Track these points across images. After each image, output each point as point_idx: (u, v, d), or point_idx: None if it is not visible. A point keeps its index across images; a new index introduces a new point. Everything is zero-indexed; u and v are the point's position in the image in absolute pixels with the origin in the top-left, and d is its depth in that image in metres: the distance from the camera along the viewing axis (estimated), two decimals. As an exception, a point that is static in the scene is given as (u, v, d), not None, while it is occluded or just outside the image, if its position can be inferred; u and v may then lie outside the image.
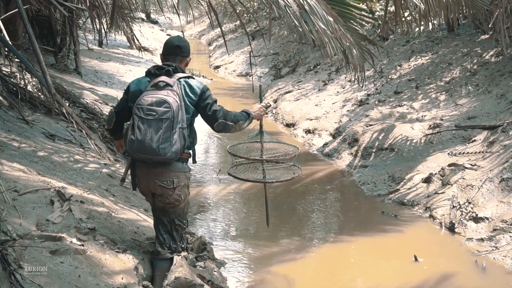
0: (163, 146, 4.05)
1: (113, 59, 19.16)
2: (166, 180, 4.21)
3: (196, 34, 40.89)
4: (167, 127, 4.07)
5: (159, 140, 4.05)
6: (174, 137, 4.08)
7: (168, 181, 4.22)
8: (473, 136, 7.83)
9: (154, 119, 4.06)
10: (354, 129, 9.56)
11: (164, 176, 4.21)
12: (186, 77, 4.33)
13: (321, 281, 5.23)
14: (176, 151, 4.10)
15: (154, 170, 4.20)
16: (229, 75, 21.19)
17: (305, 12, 5.82)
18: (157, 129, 4.05)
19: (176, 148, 4.09)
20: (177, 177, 4.25)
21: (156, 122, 4.06)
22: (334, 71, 13.93)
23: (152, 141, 4.04)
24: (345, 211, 7.08)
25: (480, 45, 11.35)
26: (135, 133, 4.08)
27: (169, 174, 4.22)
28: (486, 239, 5.75)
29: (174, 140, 4.09)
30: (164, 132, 4.06)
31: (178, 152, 4.13)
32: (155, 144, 4.04)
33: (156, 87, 4.19)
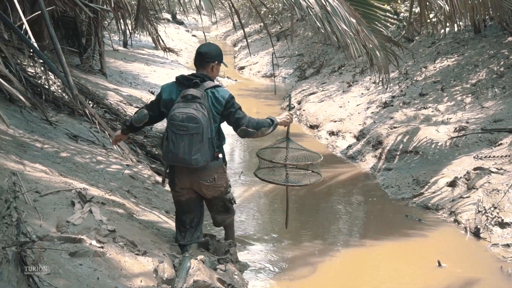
0: (195, 157, 4.57)
1: (138, 59, 19.25)
2: (208, 178, 4.79)
3: (221, 35, 40.96)
4: (197, 140, 4.56)
5: (191, 152, 4.56)
6: (204, 148, 4.60)
7: (210, 179, 4.80)
8: (499, 139, 7.71)
9: (186, 134, 4.55)
10: (378, 132, 9.48)
11: (206, 175, 4.78)
12: (213, 87, 4.74)
13: (343, 285, 5.18)
14: (206, 160, 4.64)
15: (196, 173, 4.74)
16: (254, 76, 21.17)
17: (327, 13, 5.76)
18: (189, 143, 4.55)
19: (206, 157, 4.63)
20: (216, 173, 4.82)
21: (187, 137, 4.55)
22: (359, 72, 13.84)
23: (184, 153, 4.56)
24: (369, 214, 7.01)
25: (507, 47, 11.18)
26: (169, 145, 4.60)
27: (210, 173, 4.79)
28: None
29: (204, 151, 4.61)
30: (195, 145, 4.56)
31: (209, 159, 4.67)
32: (187, 156, 4.56)
33: (185, 99, 4.62)
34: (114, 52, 18.50)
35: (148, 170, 7.06)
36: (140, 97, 13.17)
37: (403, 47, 9.91)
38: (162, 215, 5.39)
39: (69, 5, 8.48)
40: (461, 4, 7.61)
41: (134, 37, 19.26)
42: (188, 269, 4.11)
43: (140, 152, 7.86)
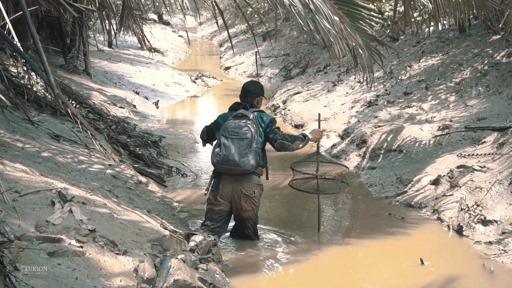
0: (243, 160, 5.40)
1: (123, 60, 19.20)
2: (250, 189, 5.55)
3: (207, 35, 40.98)
4: (246, 145, 5.42)
5: (240, 154, 5.40)
6: (252, 154, 5.42)
7: (251, 191, 5.56)
8: (483, 137, 7.73)
9: (237, 138, 5.45)
10: (363, 130, 9.49)
11: (249, 186, 5.56)
12: (259, 111, 5.72)
13: (326, 283, 5.16)
14: (252, 165, 5.42)
15: (240, 181, 5.55)
16: (240, 76, 21.17)
17: (310, 11, 5.76)
18: (239, 146, 5.42)
19: (252, 162, 5.42)
20: (257, 188, 5.61)
21: (238, 141, 5.44)
22: (344, 72, 13.86)
23: (234, 155, 5.40)
24: (352, 213, 7.01)
25: (491, 45, 11.23)
26: (221, 149, 5.46)
27: (252, 185, 5.57)
28: (494, 242, 5.66)
29: (252, 156, 5.42)
30: (244, 148, 5.41)
31: (254, 166, 5.45)
32: (237, 157, 5.40)
33: (237, 117, 5.60)
34: (99, 52, 18.42)
35: (130, 170, 7.02)
36: (124, 97, 13.14)
37: (388, 46, 9.92)
38: (144, 214, 5.34)
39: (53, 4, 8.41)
40: (445, 3, 7.61)
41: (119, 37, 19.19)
42: (169, 269, 4.09)
43: (123, 152, 7.83)
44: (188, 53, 30.40)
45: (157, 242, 4.75)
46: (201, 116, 14.43)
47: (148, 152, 8.52)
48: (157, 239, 4.77)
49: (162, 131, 11.27)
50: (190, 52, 30.87)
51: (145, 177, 7.27)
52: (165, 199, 6.89)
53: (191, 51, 31.69)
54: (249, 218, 5.69)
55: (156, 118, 13.00)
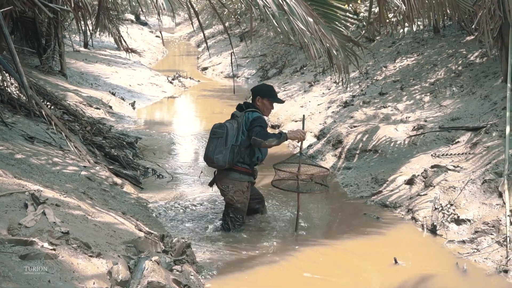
0: (217, 156, 6.00)
1: (100, 60, 19.09)
2: (224, 184, 6.17)
3: (185, 36, 40.85)
4: (221, 143, 6.00)
5: (214, 151, 6.01)
6: (227, 152, 5.97)
7: (225, 186, 6.16)
8: (457, 137, 7.80)
9: (215, 137, 6.06)
10: (338, 131, 9.53)
11: (224, 182, 6.16)
12: (250, 111, 6.13)
13: (300, 284, 5.18)
14: (224, 161, 5.98)
15: (219, 176, 6.22)
16: (217, 76, 21.16)
17: (285, 12, 5.77)
18: (215, 144, 6.02)
19: (226, 159, 5.97)
20: (233, 184, 6.12)
21: (216, 140, 6.05)
22: (320, 72, 13.91)
23: (211, 153, 6.04)
24: (328, 213, 7.03)
25: (465, 46, 11.34)
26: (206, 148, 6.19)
27: (227, 181, 6.13)
28: (467, 241, 5.72)
29: (226, 154, 5.97)
30: (219, 146, 6.00)
31: (227, 162, 5.98)
32: (211, 154, 6.03)
33: (231, 117, 6.25)
34: (75, 53, 18.30)
35: (106, 172, 6.99)
36: (100, 98, 13.07)
37: (364, 47, 9.98)
38: (119, 216, 5.32)
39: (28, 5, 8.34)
40: (419, 4, 7.67)
41: (96, 37, 19.09)
42: (143, 271, 4.07)
43: (98, 153, 7.79)
44: (165, 53, 30.30)
45: (131, 244, 4.74)
46: (178, 117, 14.41)
47: (124, 154, 8.49)
48: (132, 241, 4.75)
49: (138, 132, 11.23)
50: (167, 53, 30.77)
51: (121, 179, 7.25)
52: (140, 201, 6.87)
53: (169, 51, 31.59)
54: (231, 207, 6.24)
55: (133, 119, 12.95)
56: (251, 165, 6.18)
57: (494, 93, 8.60)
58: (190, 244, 5.13)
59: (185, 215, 6.82)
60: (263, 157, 6.36)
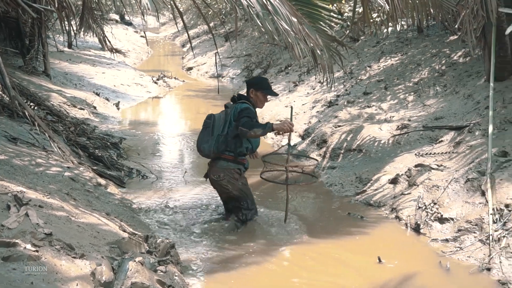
0: (204, 145, 6.18)
1: (84, 61, 19.00)
2: (215, 174, 6.23)
3: (170, 36, 40.77)
4: (207, 133, 6.18)
5: (202, 141, 6.19)
6: (213, 140, 6.12)
7: (216, 175, 6.23)
8: (440, 136, 7.85)
9: (204, 128, 6.25)
10: (323, 130, 9.56)
11: (215, 171, 6.24)
12: (240, 102, 6.22)
13: (284, 283, 5.18)
14: (209, 150, 6.14)
15: (210, 168, 6.32)
16: (202, 76, 21.13)
17: (268, 12, 5.77)
18: (204, 134, 6.21)
19: (210, 148, 6.13)
20: (223, 172, 6.18)
21: (204, 130, 6.24)
22: (305, 72, 13.93)
23: (199, 142, 6.24)
24: (312, 213, 7.04)
25: (449, 46, 11.41)
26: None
27: (217, 170, 6.22)
28: (450, 239, 5.75)
29: (212, 143, 6.12)
30: (206, 136, 6.18)
31: (212, 151, 6.13)
32: (199, 144, 6.24)
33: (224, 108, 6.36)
34: (59, 53, 18.21)
35: (89, 172, 6.96)
36: (84, 99, 13.01)
37: (348, 47, 10.01)
38: (103, 217, 5.29)
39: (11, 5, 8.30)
40: (403, 4, 7.70)
41: (80, 38, 19.00)
42: (126, 271, 4.06)
43: (82, 154, 7.75)
44: (150, 53, 30.22)
45: (115, 245, 4.72)
46: (163, 117, 14.37)
47: (108, 154, 8.46)
48: (116, 242, 4.73)
49: (122, 132, 11.19)
50: (152, 53, 30.70)
51: (105, 179, 7.22)
52: (124, 201, 6.84)
53: (153, 51, 31.52)
54: (231, 200, 6.35)
55: (117, 119, 12.90)
56: (239, 155, 6.19)
57: (477, 93, 8.66)
58: (174, 244, 5.12)
59: (170, 215, 6.80)
60: (254, 148, 6.42)
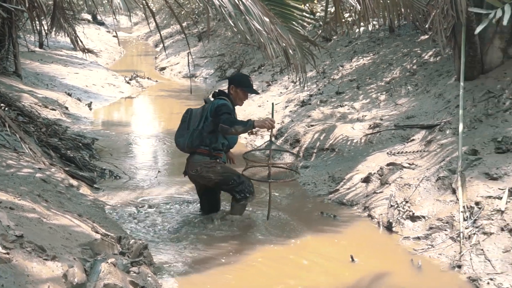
0: (179, 139, 6.27)
1: (56, 61, 18.84)
2: (193, 169, 6.25)
3: (143, 36, 40.57)
4: (183, 127, 6.26)
5: (177, 134, 6.29)
6: (188, 134, 6.17)
7: (194, 170, 6.24)
8: (412, 135, 7.93)
9: (182, 122, 6.31)
10: (296, 130, 9.59)
11: (192, 166, 6.27)
12: (218, 98, 6.28)
13: (257, 282, 5.20)
14: (184, 144, 6.21)
15: (187, 164, 6.35)
16: (175, 76, 21.06)
17: (241, 12, 5.78)
18: (181, 129, 6.30)
19: (184, 141, 6.19)
20: (200, 165, 6.19)
21: (182, 124, 6.31)
22: (278, 72, 13.97)
23: (175, 136, 6.33)
24: (285, 212, 7.04)
25: (420, 45, 11.53)
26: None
27: (193, 165, 6.25)
28: (422, 237, 5.81)
29: (187, 137, 6.16)
30: (182, 130, 6.27)
31: (185, 144, 6.19)
32: (176, 138, 6.32)
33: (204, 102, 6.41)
34: (30, 53, 18.01)
35: (61, 173, 6.91)
36: (56, 99, 12.90)
37: (320, 47, 10.06)
38: (75, 218, 5.25)
39: (-19, 5, 8.20)
40: (374, 4, 7.76)
41: (51, 37, 18.83)
42: (99, 273, 4.04)
43: (53, 155, 7.68)
44: (123, 53, 30.05)
45: (87, 246, 4.69)
46: (136, 117, 14.30)
47: (80, 155, 8.39)
48: (88, 243, 4.71)
49: (95, 133, 11.11)
50: (125, 53, 30.53)
51: (77, 180, 7.16)
52: (97, 202, 6.80)
53: (126, 51, 31.34)
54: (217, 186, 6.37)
55: (89, 120, 12.82)
56: (214, 149, 6.20)
57: (447, 92, 8.75)
58: (148, 245, 5.11)
59: (143, 216, 6.78)
60: (231, 144, 6.47)
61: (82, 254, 4.42)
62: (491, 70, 8.21)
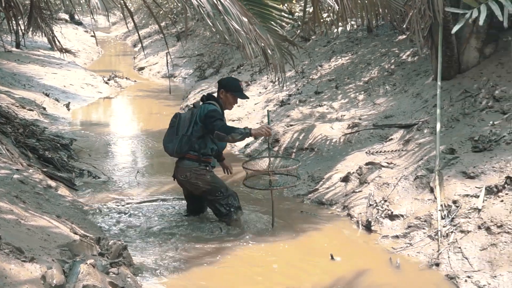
0: (168, 145, 6.22)
1: (33, 61, 18.70)
2: (182, 174, 6.21)
3: (121, 36, 40.35)
4: (172, 132, 6.21)
5: (167, 140, 6.24)
6: (177, 141, 6.12)
7: (183, 175, 6.21)
8: (390, 135, 7.98)
9: (170, 127, 6.26)
10: (275, 130, 9.60)
11: (181, 171, 6.23)
12: (207, 103, 6.19)
13: (237, 282, 5.20)
14: (173, 149, 6.16)
15: (176, 169, 6.29)
16: (154, 76, 21.00)
17: (219, 12, 5.78)
18: (169, 133, 6.25)
19: (175, 148, 6.13)
20: (189, 171, 6.16)
21: (170, 129, 6.25)
22: (257, 72, 13.98)
23: (164, 141, 6.28)
24: (264, 212, 7.05)
25: (398, 45, 11.60)
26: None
27: (183, 170, 6.20)
28: (401, 236, 5.84)
29: (177, 143, 6.12)
30: (170, 135, 6.22)
31: (174, 150, 6.15)
32: (164, 142, 6.27)
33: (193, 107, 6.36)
34: (7, 53, 17.87)
35: (39, 175, 6.86)
36: (34, 100, 12.81)
37: (299, 47, 10.08)
38: (53, 219, 5.22)
39: (-44, 4, 8.11)
40: (352, 4, 7.79)
41: (28, 37, 18.69)
42: (78, 274, 4.02)
43: (31, 156, 7.63)
44: (101, 53, 29.89)
45: (66, 248, 4.66)
46: (114, 117, 14.23)
47: (58, 156, 8.34)
48: (67, 245, 4.68)
49: (73, 133, 11.05)
50: (103, 53, 30.37)
51: (55, 181, 7.12)
52: (75, 203, 6.76)
53: (104, 51, 31.18)
54: (204, 194, 6.28)
55: (67, 120, 12.74)
56: (204, 155, 6.16)
57: (425, 91, 8.82)
58: (127, 246, 5.09)
59: (122, 216, 6.75)
60: (220, 150, 6.46)
61: (60, 256, 4.39)
62: (468, 70, 8.30)
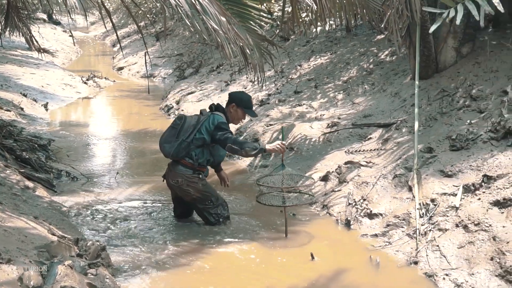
0: (165, 145, 6.11)
1: (10, 61, 18.55)
2: (174, 179, 6.15)
3: (100, 35, 40.16)
4: (173, 134, 6.09)
5: (165, 140, 6.14)
6: (175, 144, 6.01)
7: (174, 180, 6.15)
8: (369, 134, 8.01)
9: (171, 127, 6.16)
10: (255, 129, 9.61)
11: (173, 175, 6.16)
12: (216, 113, 6.17)
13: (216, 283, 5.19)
14: (169, 152, 6.05)
15: (169, 172, 6.23)
16: (133, 76, 20.91)
17: (197, 11, 5.77)
18: (169, 133, 6.14)
19: (172, 151, 6.03)
20: (182, 177, 6.10)
21: (171, 129, 6.15)
22: (236, 71, 13.98)
23: (162, 139, 6.18)
24: (244, 212, 7.05)
25: (376, 45, 11.66)
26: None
27: (175, 175, 6.13)
28: (380, 234, 5.87)
29: (175, 146, 6.01)
30: (170, 137, 6.10)
31: (171, 153, 6.05)
32: (161, 141, 6.18)
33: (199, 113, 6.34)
34: (-16, 53, 17.72)
35: (16, 175, 6.80)
36: (11, 100, 12.71)
37: (278, 46, 10.09)
38: (30, 221, 5.18)
39: None
40: (330, 4, 7.80)
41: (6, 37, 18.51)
42: (55, 276, 3.99)
43: (8, 157, 7.55)
44: (79, 53, 29.70)
45: (44, 249, 4.62)
46: (93, 118, 14.14)
47: (36, 156, 8.26)
48: (44, 246, 4.64)
49: (51, 134, 10.97)
50: (82, 53, 30.18)
51: (33, 182, 7.06)
52: (54, 204, 6.71)
53: (83, 51, 30.98)
54: (194, 201, 6.24)
55: (45, 120, 12.64)
56: (199, 164, 6.15)
57: (403, 90, 8.88)
58: (105, 247, 5.06)
59: (101, 217, 6.71)
60: (216, 162, 6.44)
61: (38, 257, 4.36)
62: (445, 69, 8.37)
